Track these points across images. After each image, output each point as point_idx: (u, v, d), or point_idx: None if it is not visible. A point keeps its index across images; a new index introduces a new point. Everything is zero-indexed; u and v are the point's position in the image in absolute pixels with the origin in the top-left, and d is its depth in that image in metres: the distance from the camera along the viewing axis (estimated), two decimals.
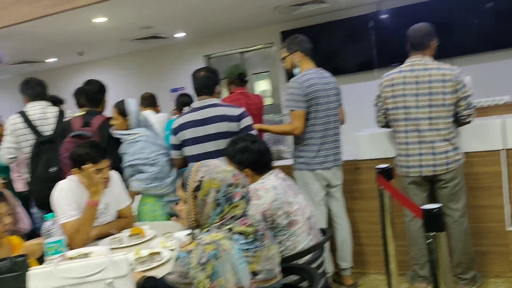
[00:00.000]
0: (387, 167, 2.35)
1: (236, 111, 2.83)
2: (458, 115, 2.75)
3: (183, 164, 2.92)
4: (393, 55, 5.59)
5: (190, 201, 1.56)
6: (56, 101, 3.74)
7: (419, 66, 2.75)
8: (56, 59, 7.80)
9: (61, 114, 3.52)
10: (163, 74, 7.90)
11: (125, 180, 3.00)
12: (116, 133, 3.02)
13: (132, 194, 2.98)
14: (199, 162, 1.62)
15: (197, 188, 1.54)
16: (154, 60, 7.95)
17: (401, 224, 2.94)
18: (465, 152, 2.87)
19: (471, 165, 2.97)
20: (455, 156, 2.75)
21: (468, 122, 2.80)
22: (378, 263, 3.18)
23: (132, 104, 3.02)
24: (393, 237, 2.40)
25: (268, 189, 2.08)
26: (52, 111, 3.48)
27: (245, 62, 7.44)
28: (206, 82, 2.90)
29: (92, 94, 3.24)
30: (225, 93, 3.91)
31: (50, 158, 3.26)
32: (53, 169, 3.27)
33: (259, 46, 7.41)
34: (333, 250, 3.13)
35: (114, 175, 2.59)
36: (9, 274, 1.68)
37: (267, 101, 7.13)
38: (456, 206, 2.82)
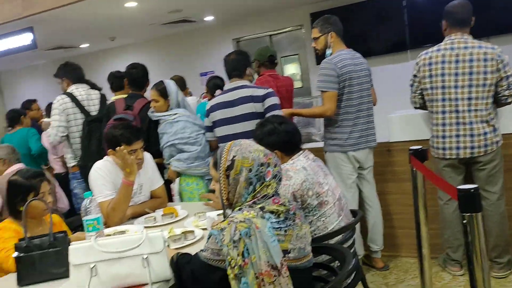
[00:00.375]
0: (420, 148, 2.30)
1: (261, 92, 2.85)
2: (499, 96, 2.66)
3: (218, 146, 2.96)
4: (426, 35, 5.45)
5: (223, 180, 1.58)
6: (96, 89, 3.84)
7: (460, 44, 2.67)
8: (88, 45, 7.96)
9: (103, 96, 3.64)
10: (192, 58, 7.94)
11: (166, 161, 3.02)
12: (156, 115, 3.04)
13: (173, 174, 3.02)
14: (231, 141, 1.63)
15: (229, 167, 1.56)
16: (183, 45, 8.00)
17: (433, 207, 2.89)
18: (502, 134, 2.78)
19: (509, 147, 2.88)
20: (494, 137, 2.67)
21: (509, 103, 2.71)
22: (410, 246, 3.15)
23: (172, 85, 3.04)
24: (426, 220, 2.37)
25: (298, 170, 2.08)
26: (94, 93, 3.59)
27: (274, 45, 7.38)
28: (235, 65, 2.96)
29: (138, 78, 3.33)
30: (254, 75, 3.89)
31: (102, 135, 3.36)
32: None
33: (288, 29, 7.33)
34: (364, 232, 3.11)
35: (147, 156, 2.65)
36: (51, 249, 1.76)
37: (297, 84, 7.07)
38: (493, 189, 2.75)
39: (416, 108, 2.97)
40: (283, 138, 2.14)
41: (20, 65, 9.11)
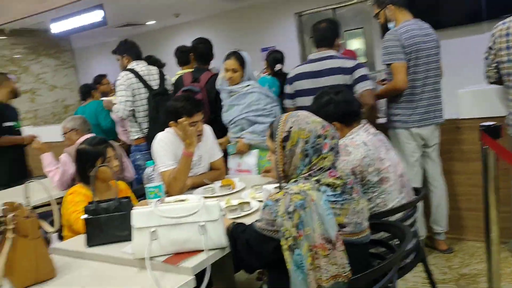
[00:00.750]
0: (493, 124, 2.14)
1: (350, 63, 2.77)
2: None
3: None
4: (505, 4, 5.00)
5: (279, 152, 1.56)
6: (160, 65, 3.95)
7: None
8: (154, 22, 8.18)
9: (162, 72, 3.77)
10: (253, 33, 7.91)
11: (233, 134, 2.97)
12: (227, 88, 2.98)
13: (244, 147, 2.93)
14: (289, 112, 1.61)
15: (286, 139, 1.54)
16: (245, 20, 7.98)
17: (504, 189, 2.70)
18: None
19: None
20: None
21: None
22: (476, 229, 2.99)
23: (246, 55, 2.99)
24: (496, 202, 2.22)
25: (358, 145, 2.02)
26: (153, 69, 3.71)
27: (337, 19, 7.15)
28: (325, 34, 2.89)
29: (205, 52, 3.46)
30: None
31: None
32: None
33: (353, 1, 7.06)
34: (427, 213, 2.99)
35: (206, 129, 2.70)
36: (116, 213, 1.86)
37: (361, 59, 6.84)
38: None
39: (490, 83, 2.76)
40: (340, 108, 2.07)
41: (92, 42, 9.59)
